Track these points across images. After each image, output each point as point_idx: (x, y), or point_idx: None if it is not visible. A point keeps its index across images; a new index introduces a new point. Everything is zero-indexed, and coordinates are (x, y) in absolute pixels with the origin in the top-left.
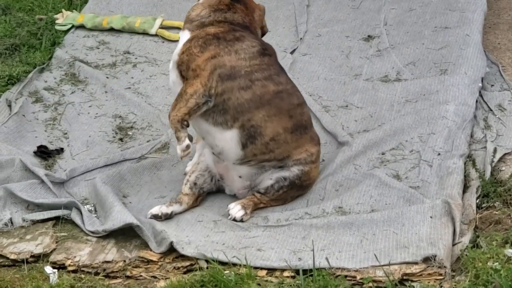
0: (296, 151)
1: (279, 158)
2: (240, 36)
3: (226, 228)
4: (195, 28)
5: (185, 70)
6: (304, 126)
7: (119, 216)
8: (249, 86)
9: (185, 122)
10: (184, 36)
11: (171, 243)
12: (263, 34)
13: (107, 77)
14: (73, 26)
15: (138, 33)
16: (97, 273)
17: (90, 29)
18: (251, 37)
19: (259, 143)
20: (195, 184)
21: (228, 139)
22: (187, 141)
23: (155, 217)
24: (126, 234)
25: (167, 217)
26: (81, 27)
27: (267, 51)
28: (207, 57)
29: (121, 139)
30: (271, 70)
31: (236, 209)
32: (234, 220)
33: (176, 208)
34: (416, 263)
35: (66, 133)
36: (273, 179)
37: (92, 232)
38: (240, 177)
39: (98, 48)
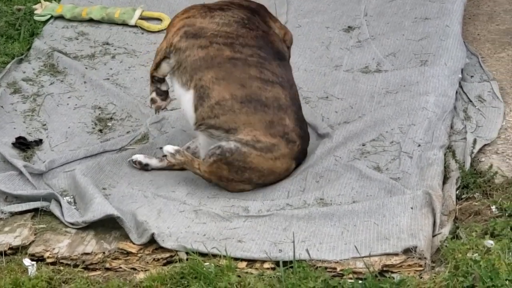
0: (244, 129)
1: (225, 128)
2: (227, 8)
3: (207, 219)
4: None
5: None
6: (263, 104)
7: (100, 208)
8: (206, 46)
9: (155, 77)
10: None
11: (152, 234)
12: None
13: (86, 68)
14: (52, 16)
15: (118, 24)
16: (76, 265)
17: (69, 20)
18: (243, 12)
19: (206, 105)
20: (188, 148)
21: (187, 101)
22: (153, 95)
23: (133, 162)
24: (105, 226)
25: (142, 167)
26: (60, 17)
27: (248, 25)
28: (183, 17)
29: (100, 130)
30: (238, 40)
31: (170, 147)
32: (161, 148)
33: (154, 162)
34: (396, 255)
35: (45, 124)
36: (211, 146)
37: (72, 224)
38: (200, 144)
39: (77, 39)
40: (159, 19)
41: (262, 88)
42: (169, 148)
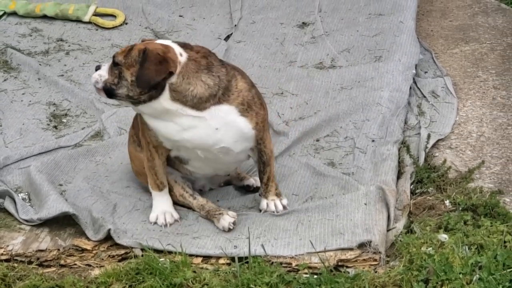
0: None
1: None
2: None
3: None
4: None
5: None
6: None
7: (55, 205)
8: None
9: None
10: None
11: (109, 230)
12: None
13: (40, 65)
14: (5, 13)
15: (72, 20)
16: (30, 262)
17: (23, 16)
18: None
19: None
20: None
21: None
22: None
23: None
24: (60, 222)
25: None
26: (13, 14)
27: None
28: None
29: (55, 127)
30: None
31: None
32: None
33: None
34: (351, 249)
35: None
36: None
37: (26, 221)
38: None
39: (31, 36)
40: (113, 16)
41: None
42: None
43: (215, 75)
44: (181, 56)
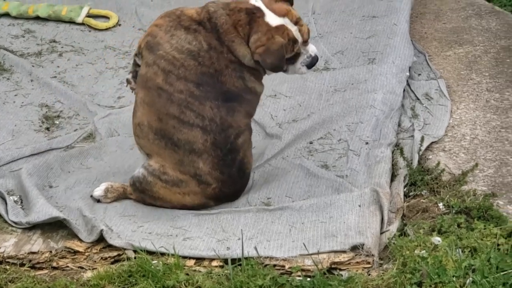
0: (157, 157)
1: (144, 151)
2: (193, 30)
3: (155, 216)
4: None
5: None
6: (174, 143)
7: (44, 209)
8: (149, 65)
9: (135, 61)
10: None
11: (101, 231)
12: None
13: (32, 66)
14: None
15: (65, 22)
16: (22, 264)
17: (15, 17)
18: (203, 36)
19: (133, 121)
20: None
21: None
22: (129, 76)
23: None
24: (52, 224)
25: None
26: (6, 15)
27: (199, 58)
28: (155, 23)
29: (47, 128)
30: (179, 70)
31: (99, 189)
32: (91, 196)
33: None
34: (344, 252)
35: None
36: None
37: (16, 223)
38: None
39: (24, 37)
40: (106, 17)
41: (177, 128)
42: (97, 193)
43: None
44: None
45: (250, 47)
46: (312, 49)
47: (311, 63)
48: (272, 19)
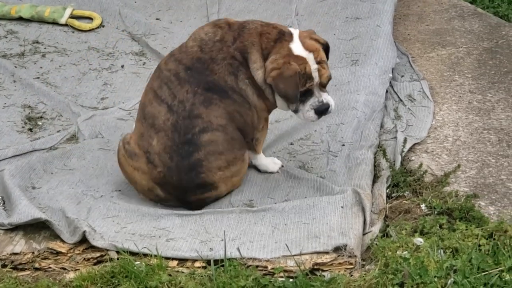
0: (134, 130)
1: None
2: (219, 26)
3: (138, 217)
4: None
5: None
6: (143, 115)
7: (26, 210)
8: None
9: None
10: None
11: (84, 232)
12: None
13: (15, 67)
14: None
15: (48, 23)
16: (4, 265)
17: None
18: (223, 31)
19: None
20: None
21: None
22: None
23: None
24: (34, 225)
25: None
26: None
27: (203, 45)
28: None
29: (30, 129)
30: (179, 54)
31: None
32: None
33: None
34: (327, 253)
35: None
36: None
37: None
38: None
39: (6, 38)
40: (90, 18)
41: (150, 101)
42: None
43: None
44: None
45: (266, 67)
46: (326, 96)
47: (320, 109)
48: (297, 48)
